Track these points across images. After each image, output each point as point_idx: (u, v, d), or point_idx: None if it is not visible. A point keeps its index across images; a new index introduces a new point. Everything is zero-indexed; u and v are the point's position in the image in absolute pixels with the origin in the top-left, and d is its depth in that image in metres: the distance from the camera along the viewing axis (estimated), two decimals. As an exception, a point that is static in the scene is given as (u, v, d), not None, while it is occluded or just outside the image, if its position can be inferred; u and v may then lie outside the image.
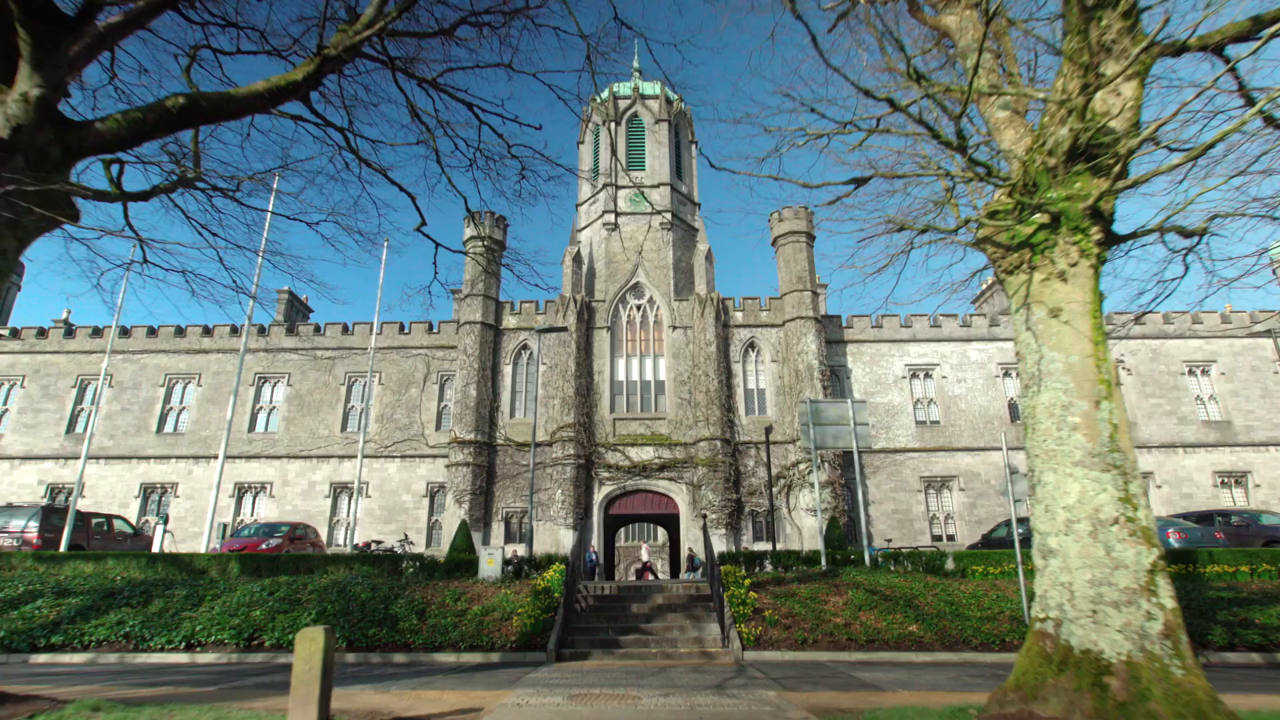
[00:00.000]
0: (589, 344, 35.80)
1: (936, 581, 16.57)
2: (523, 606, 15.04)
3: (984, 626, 14.64)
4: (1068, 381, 7.42)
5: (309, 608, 15.13)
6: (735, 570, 16.47)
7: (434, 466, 35.53)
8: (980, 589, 16.30)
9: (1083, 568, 6.74)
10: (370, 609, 15.08)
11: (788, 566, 17.61)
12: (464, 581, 16.89)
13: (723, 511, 32.71)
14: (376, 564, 17.67)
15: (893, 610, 15.06)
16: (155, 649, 14.24)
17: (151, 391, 37.16)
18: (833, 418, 18.12)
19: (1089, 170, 7.61)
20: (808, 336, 34.92)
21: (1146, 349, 37.42)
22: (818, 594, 15.73)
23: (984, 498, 35.06)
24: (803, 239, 36.61)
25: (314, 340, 37.78)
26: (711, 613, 15.71)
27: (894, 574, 16.92)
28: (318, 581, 16.22)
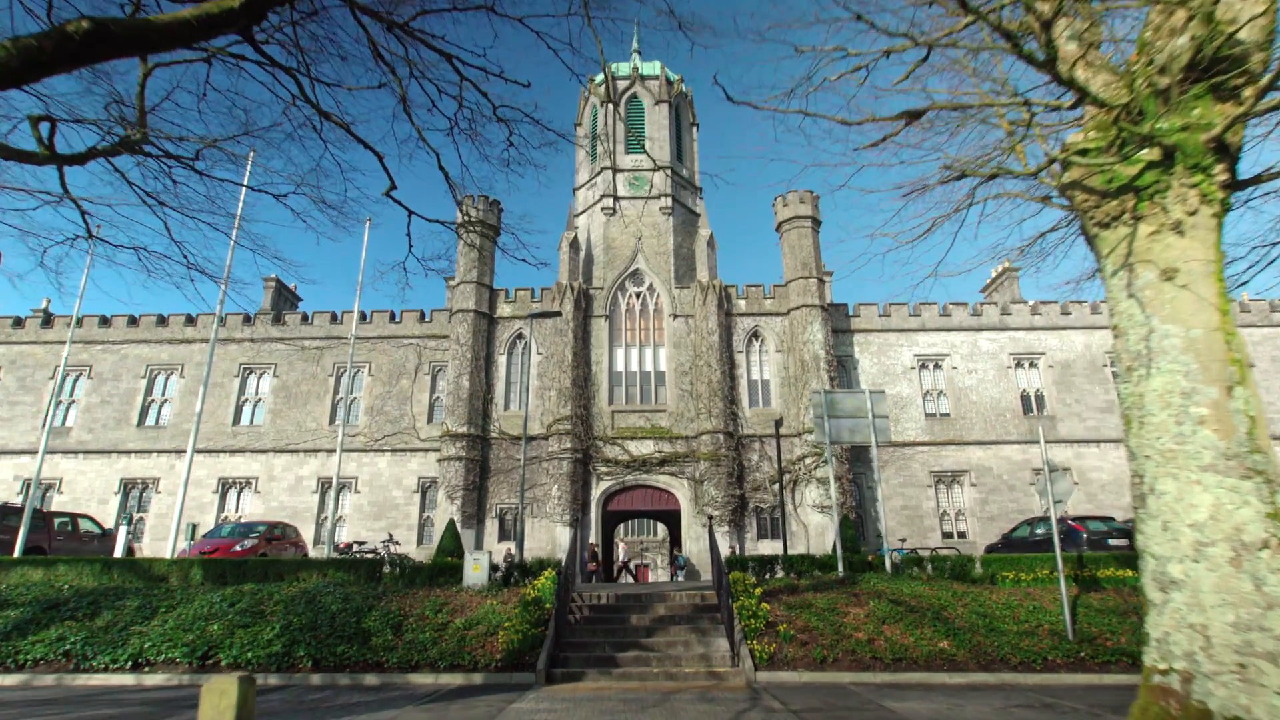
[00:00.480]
0: (586, 333, 34.12)
1: (965, 590, 14.94)
2: (510, 620, 13.41)
3: (1022, 642, 13.00)
4: (1188, 362, 5.71)
5: (272, 621, 13.48)
6: (744, 578, 14.84)
7: (426, 460, 33.89)
8: (1013, 598, 14.67)
9: (1221, 605, 5.07)
10: (341, 622, 13.44)
11: (800, 572, 15.98)
12: (447, 590, 15.26)
13: (725, 508, 31.10)
14: (353, 570, 16.03)
15: (920, 623, 13.43)
16: (98, 669, 12.60)
17: (132, 383, 35.47)
18: (849, 410, 16.47)
19: (1210, 93, 5.93)
20: (814, 325, 33.25)
21: (1164, 339, 35.72)
22: (836, 604, 14.10)
23: (996, 493, 33.48)
24: (808, 224, 34.90)
25: (301, 330, 36.09)
26: (719, 625, 14.08)
27: (918, 581, 15.29)
28: (285, 591, 14.58)
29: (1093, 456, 33.99)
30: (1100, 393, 34.82)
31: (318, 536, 33.30)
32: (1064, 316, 35.98)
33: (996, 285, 40.73)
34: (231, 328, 36.15)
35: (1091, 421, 34.37)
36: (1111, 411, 34.51)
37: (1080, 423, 34.37)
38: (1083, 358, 35.31)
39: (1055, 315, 36.03)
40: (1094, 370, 35.14)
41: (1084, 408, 34.61)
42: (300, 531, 25.22)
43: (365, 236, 21.11)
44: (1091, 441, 34.08)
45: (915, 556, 17.08)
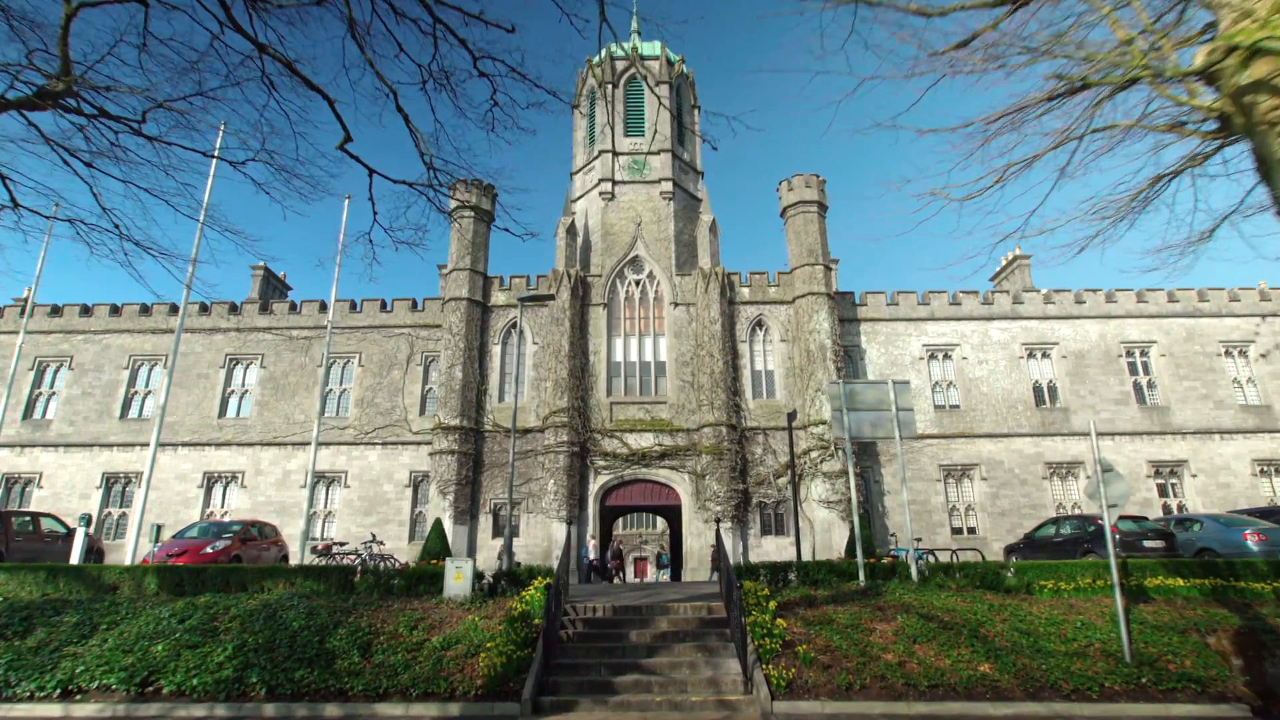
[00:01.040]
0: (584, 322, 32.30)
1: (1001, 601, 13.18)
2: (494, 638, 11.66)
3: (1073, 665, 11.25)
4: None
5: (225, 640, 11.72)
6: (756, 588, 13.09)
7: (418, 454, 32.11)
8: (1056, 612, 12.92)
9: None
10: (302, 642, 11.67)
11: (817, 581, 14.21)
12: (426, 601, 13.50)
13: (728, 503, 29.37)
14: (323, 578, 14.26)
15: (956, 642, 11.68)
16: (21, 698, 10.84)
17: (115, 374, 33.65)
18: (870, 401, 14.69)
19: None
20: (820, 314, 31.43)
21: (1180, 328, 33.98)
22: (860, 620, 12.35)
23: (1007, 487, 31.75)
24: (814, 209, 33.04)
25: (289, 319, 34.24)
26: (728, 643, 12.33)
27: (947, 591, 13.53)
28: (244, 604, 12.81)
29: (1107, 450, 32.18)
30: (1115, 384, 33.06)
31: (307, 532, 31.55)
32: (1078, 305, 34.18)
33: (1007, 273, 38.90)
34: (217, 316, 34.33)
35: (1106, 414, 32.61)
36: (1127, 403, 32.78)
37: (1095, 415, 32.59)
38: (1097, 348, 33.53)
39: (1069, 304, 34.23)
40: (1109, 361, 33.36)
41: (1098, 399, 32.85)
42: (280, 530, 23.44)
43: (344, 215, 19.21)
44: (1106, 434, 32.29)
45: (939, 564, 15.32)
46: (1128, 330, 33.84)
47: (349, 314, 34.08)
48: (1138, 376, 33.46)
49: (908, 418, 14.69)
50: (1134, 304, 34.21)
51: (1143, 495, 31.72)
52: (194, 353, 33.72)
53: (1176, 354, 33.52)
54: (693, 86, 37.42)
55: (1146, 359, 33.77)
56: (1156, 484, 31.97)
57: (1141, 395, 33.21)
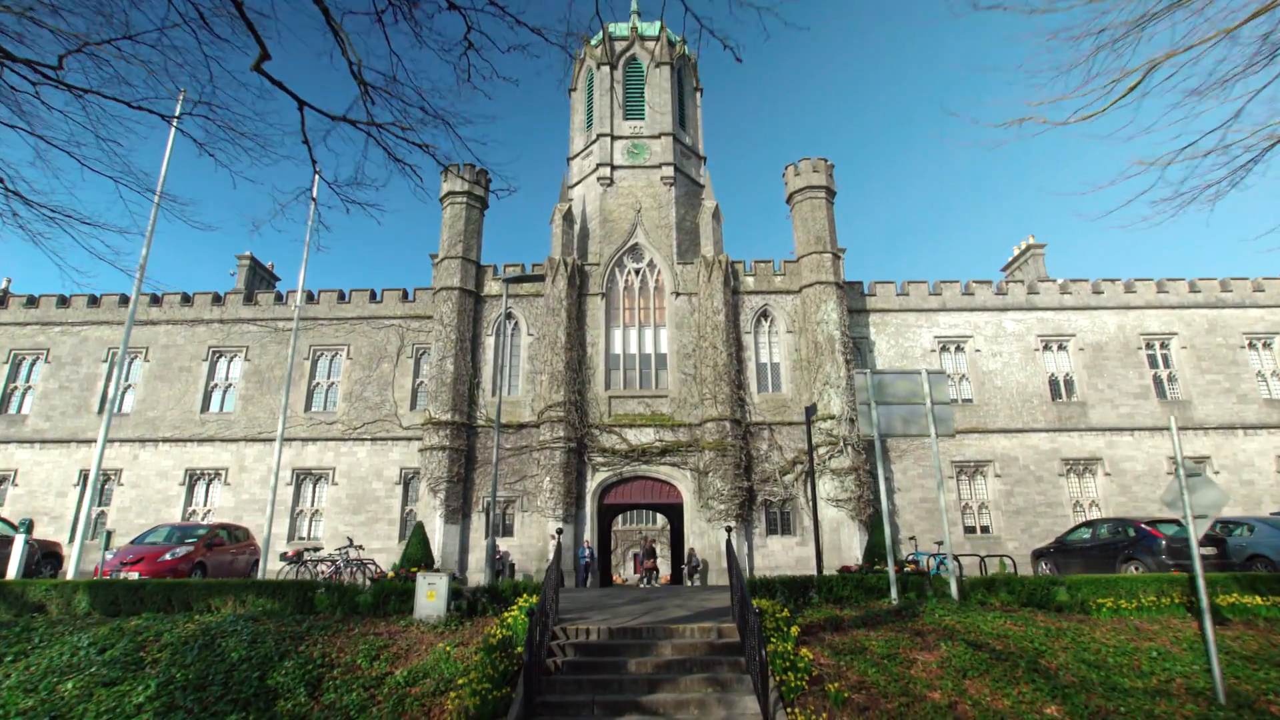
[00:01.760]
0: (581, 312, 30.20)
1: (1057, 625, 11.13)
2: (468, 672, 9.61)
3: (1156, 708, 9.19)
4: None
5: (149, 676, 9.66)
6: (774, 608, 11.04)
7: (408, 450, 30.05)
8: (1122, 637, 10.87)
9: None
10: (240, 678, 9.61)
11: (842, 598, 12.14)
12: (394, 623, 11.45)
13: (732, 501, 27.32)
14: (278, 595, 12.19)
15: (1013, 677, 9.61)
16: (-105, 750, 8.82)
17: (93, 367, 31.55)
18: (902, 394, 12.63)
19: None
20: (828, 303, 29.34)
21: (1202, 319, 31.88)
22: (897, 648, 10.29)
23: (1022, 485, 29.69)
24: (821, 195, 30.92)
25: (275, 310, 32.13)
26: (743, 675, 10.28)
27: (993, 611, 11.48)
28: (180, 629, 10.75)
29: (1126, 445, 30.19)
30: (1134, 377, 30.97)
31: (292, 533, 29.58)
32: (1095, 296, 32.08)
33: (1019, 264, 36.76)
34: (200, 307, 32.23)
35: (1125, 408, 30.55)
36: (1146, 397, 30.71)
37: (1113, 409, 30.55)
38: (1115, 340, 31.44)
39: (1086, 294, 32.13)
40: (1128, 353, 31.27)
41: (1116, 393, 30.78)
42: (252, 533, 21.37)
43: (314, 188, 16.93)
44: (1124, 429, 30.28)
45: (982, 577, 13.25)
46: (1147, 321, 31.75)
47: (337, 304, 32.00)
48: (1158, 370, 31.38)
49: (944, 413, 12.63)
50: (1154, 294, 32.11)
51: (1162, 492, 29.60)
52: (175, 345, 31.65)
53: (1198, 346, 31.43)
54: (695, 68, 35.24)
55: (1167, 351, 31.69)
56: (1178, 481, 29.83)
57: (1162, 389, 31.13)
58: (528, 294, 30.54)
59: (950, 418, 12.61)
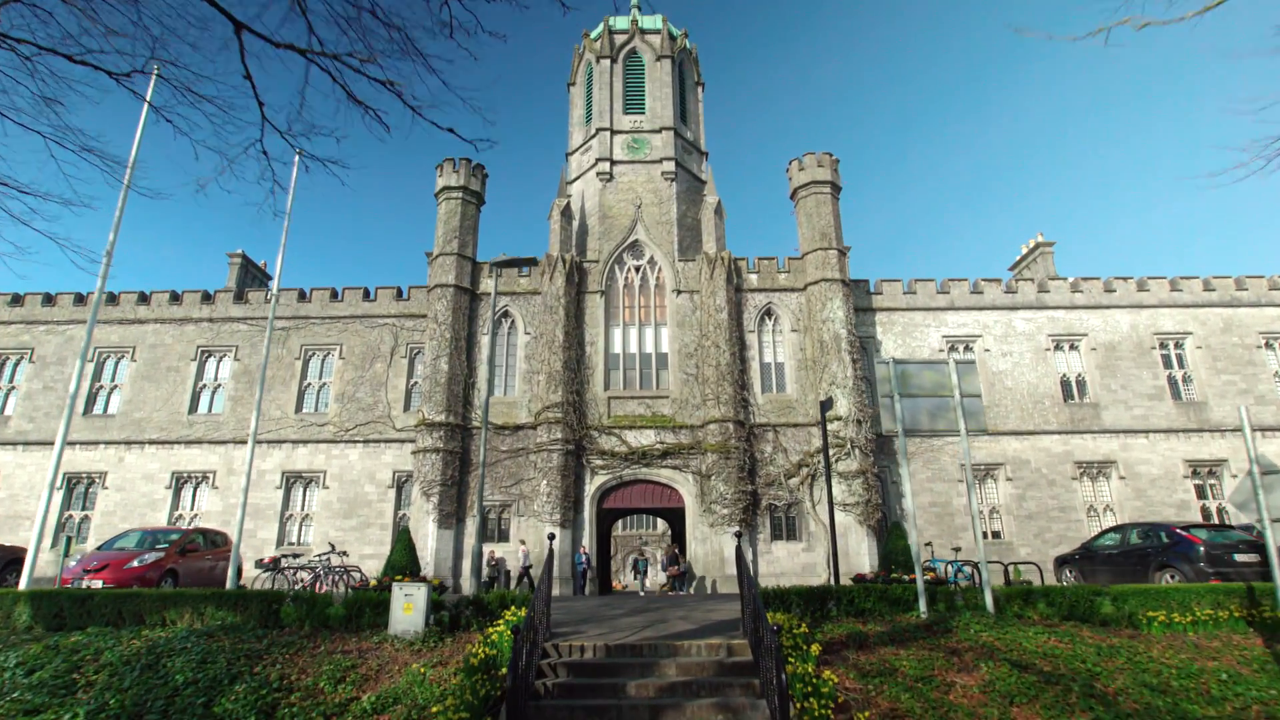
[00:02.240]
0: (580, 310, 28.92)
1: (1108, 642, 9.80)
2: (444, 697, 8.28)
3: (1233, 739, 7.89)
4: None
5: (80, 702, 8.33)
6: (791, 622, 9.71)
7: (401, 453, 28.72)
8: (1182, 656, 9.55)
9: None
10: (182, 704, 8.28)
11: (863, 611, 10.81)
12: (367, 639, 10.12)
13: (736, 505, 25.99)
14: (239, 607, 10.87)
15: (1067, 704, 8.27)
16: None
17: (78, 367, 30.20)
18: (928, 386, 11.35)
19: None
20: (834, 301, 28.06)
21: (1217, 318, 30.59)
22: (931, 668, 8.96)
23: (1034, 488, 28.36)
24: (827, 190, 29.68)
25: (266, 308, 30.83)
26: (758, 700, 8.94)
27: (1034, 626, 10.15)
28: (123, 647, 9.43)
29: (1140, 448, 28.87)
30: (1148, 378, 29.67)
31: (281, 538, 28.23)
32: (1108, 294, 30.80)
33: (1027, 263, 35.48)
34: (189, 306, 30.96)
35: (1139, 410, 29.24)
36: (1161, 398, 29.40)
37: (1127, 411, 29.25)
38: (1128, 339, 30.14)
39: (1098, 293, 30.85)
40: (1141, 353, 29.97)
41: (1130, 394, 29.47)
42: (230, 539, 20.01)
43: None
44: (1139, 431, 28.97)
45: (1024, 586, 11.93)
46: (1161, 320, 30.46)
47: (329, 303, 30.73)
48: (1172, 370, 30.08)
49: (974, 406, 11.34)
50: (1167, 293, 30.83)
51: (1180, 497, 28.35)
52: (163, 344, 30.37)
53: (1213, 346, 30.14)
54: (696, 63, 34.03)
55: (1181, 351, 30.40)
56: (1194, 485, 28.57)
57: (1177, 390, 29.82)
58: (524, 291, 29.28)
59: (980, 411, 11.33)
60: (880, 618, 10.58)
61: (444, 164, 30.24)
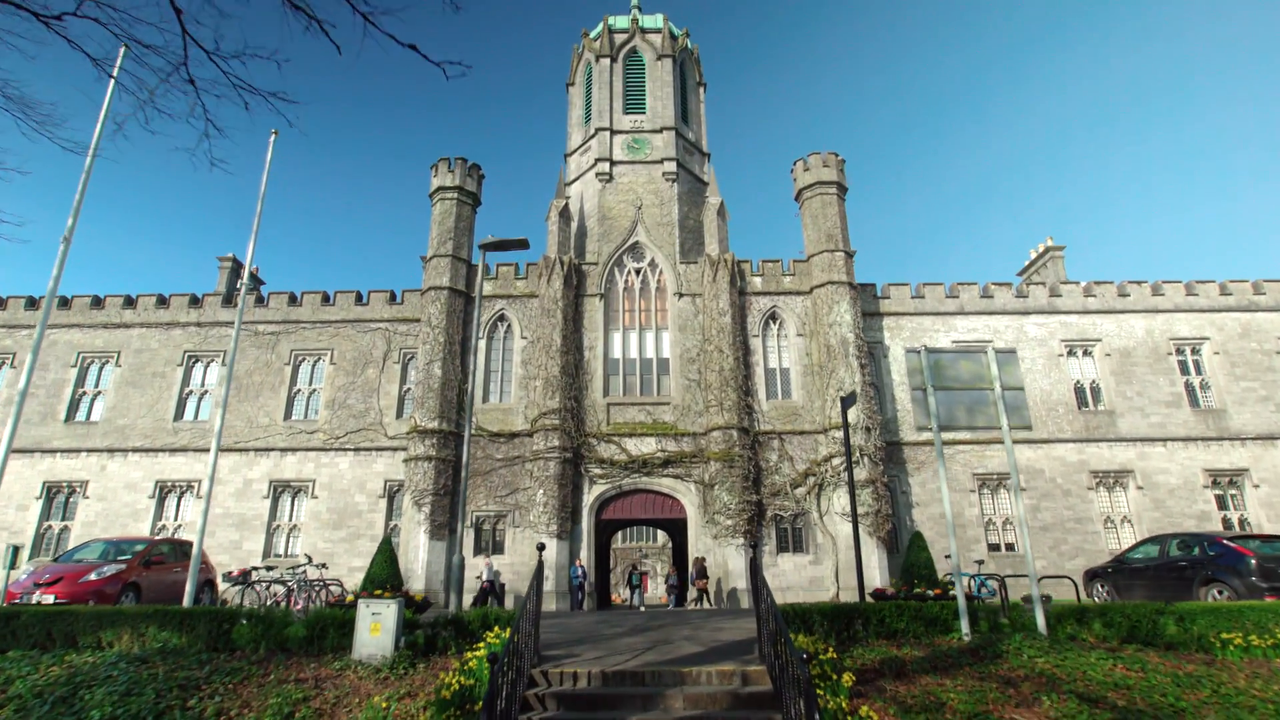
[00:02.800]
0: (578, 314, 27.55)
1: (1183, 669, 8.35)
2: (409, 737, 6.84)
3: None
4: None
5: (-24, 743, 6.89)
6: (817, 645, 8.27)
7: (393, 461, 27.29)
8: (1273, 685, 8.09)
9: None
10: (98, 747, 6.83)
11: (895, 632, 9.35)
12: (327, 664, 8.67)
13: (740, 516, 24.51)
14: (186, 626, 9.41)
15: (1149, 747, 6.83)
16: None
17: (61, 373, 28.85)
18: (965, 377, 9.94)
19: None
20: (841, 305, 26.71)
21: (1235, 323, 29.23)
22: (984, 701, 7.49)
23: (1049, 499, 26.89)
24: (833, 190, 28.41)
25: (255, 313, 29.46)
26: (780, 739, 7.49)
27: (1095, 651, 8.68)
28: (41, 674, 7.98)
29: (1159, 457, 27.42)
30: (1165, 385, 28.27)
31: (268, 549, 26.70)
32: (1121, 298, 29.46)
33: (1037, 267, 34.14)
34: (176, 310, 29.61)
35: (1156, 417, 27.81)
36: (1179, 405, 27.98)
37: (1143, 418, 27.82)
38: (1144, 345, 28.76)
39: (1111, 297, 29.50)
40: (1157, 359, 28.58)
41: (1146, 401, 28.05)
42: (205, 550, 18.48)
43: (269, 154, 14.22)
44: (1156, 440, 27.53)
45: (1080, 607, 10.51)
46: (1177, 326, 29.09)
47: (320, 307, 29.38)
48: (1189, 376, 28.69)
49: (1016, 399, 9.93)
50: (1183, 297, 29.49)
51: (1200, 508, 26.88)
52: (149, 349, 28.99)
53: (1231, 352, 28.76)
54: (698, 63, 32.87)
55: (1199, 357, 29.02)
56: (1214, 495, 27.10)
57: (1195, 397, 28.42)
58: (521, 294, 27.96)
59: (1024, 406, 9.91)
60: (916, 640, 9.11)
61: (439, 164, 28.99)
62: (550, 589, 23.66)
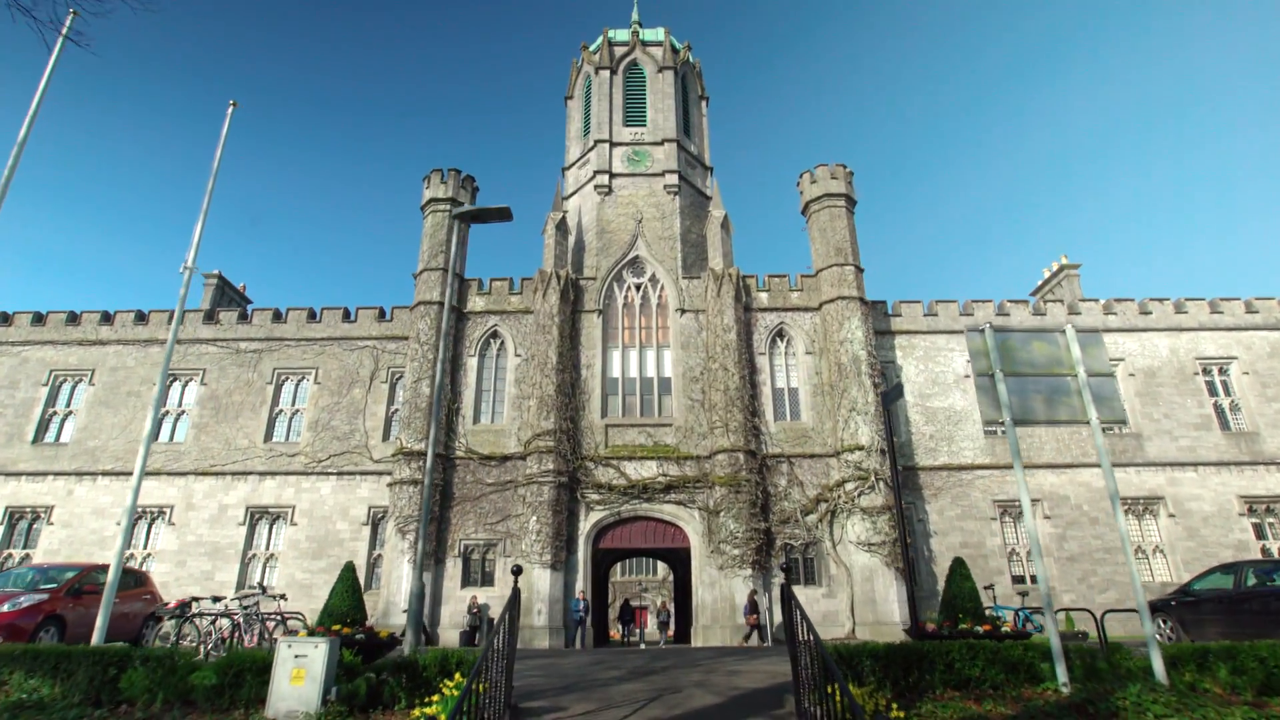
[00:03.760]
0: (575, 331, 25.60)
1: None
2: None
3: None
4: None
5: None
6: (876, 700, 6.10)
7: (378, 486, 25.13)
8: None
9: None
10: None
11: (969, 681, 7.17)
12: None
13: (747, 545, 22.27)
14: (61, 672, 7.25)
15: None
16: None
17: (32, 391, 26.80)
18: (1040, 362, 7.94)
19: None
20: (852, 321, 24.78)
21: (1263, 342, 27.29)
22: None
23: (1076, 527, 24.67)
24: (841, 203, 26.69)
25: (238, 330, 27.54)
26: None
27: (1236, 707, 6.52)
28: None
29: (1190, 483, 25.25)
30: (1193, 406, 26.22)
31: (242, 580, 24.34)
32: (1143, 316, 27.56)
33: (1050, 286, 32.26)
34: (155, 326, 27.71)
35: (1185, 441, 25.72)
36: (1208, 428, 25.91)
37: (1172, 441, 25.72)
38: (1169, 364, 26.77)
39: (1133, 315, 27.60)
40: (1183, 379, 26.57)
41: (1174, 424, 25.97)
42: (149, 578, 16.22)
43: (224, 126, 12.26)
44: (1187, 464, 25.41)
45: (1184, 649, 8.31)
46: (1203, 345, 27.14)
47: (306, 324, 27.46)
48: (1218, 398, 26.66)
49: (1106, 388, 7.91)
50: (1207, 315, 27.59)
51: (1236, 537, 24.64)
52: (125, 367, 26.98)
53: (1261, 371, 26.76)
54: (700, 77, 31.43)
55: (1227, 378, 27.02)
56: (1252, 523, 24.88)
57: (1225, 419, 26.36)
58: (515, 310, 26.07)
59: (1115, 396, 7.89)
60: (998, 692, 6.93)
61: (431, 175, 27.34)
62: (542, 624, 21.32)
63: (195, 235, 11.44)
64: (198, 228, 11.51)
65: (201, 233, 11.51)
